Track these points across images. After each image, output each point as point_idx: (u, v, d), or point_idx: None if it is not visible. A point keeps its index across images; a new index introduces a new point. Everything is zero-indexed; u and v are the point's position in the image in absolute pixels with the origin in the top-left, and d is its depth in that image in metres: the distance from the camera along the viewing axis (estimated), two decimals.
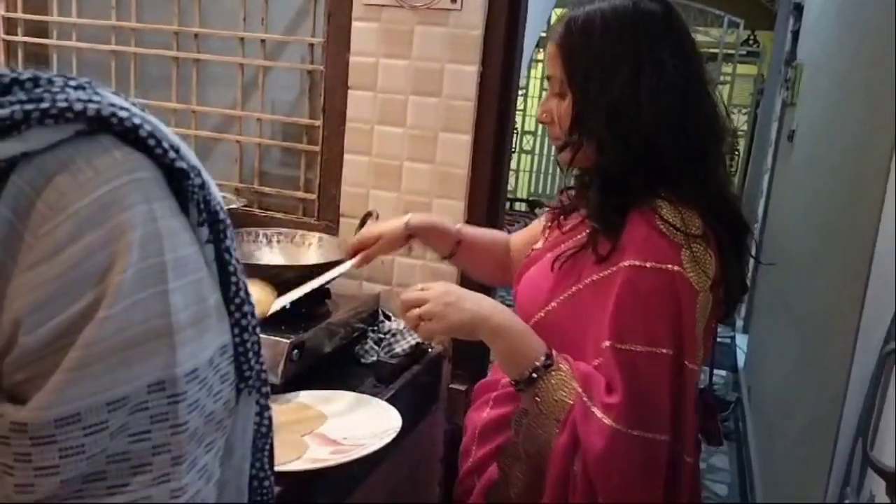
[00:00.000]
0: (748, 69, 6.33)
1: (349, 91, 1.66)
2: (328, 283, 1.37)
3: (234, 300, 0.54)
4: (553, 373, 0.99)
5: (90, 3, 1.90)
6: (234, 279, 0.55)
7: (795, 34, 3.88)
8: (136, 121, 0.50)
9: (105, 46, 1.88)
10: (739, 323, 4.59)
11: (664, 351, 0.95)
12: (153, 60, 1.87)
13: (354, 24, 1.63)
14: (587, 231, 1.04)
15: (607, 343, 0.96)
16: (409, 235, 1.34)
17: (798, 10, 3.87)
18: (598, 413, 0.95)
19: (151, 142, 0.50)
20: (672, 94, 0.99)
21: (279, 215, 1.80)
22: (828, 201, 2.15)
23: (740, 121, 6.47)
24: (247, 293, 0.56)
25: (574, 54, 1.04)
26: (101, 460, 0.45)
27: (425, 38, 1.58)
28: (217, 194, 0.55)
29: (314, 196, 1.75)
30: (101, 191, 0.46)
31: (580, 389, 0.97)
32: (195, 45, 1.82)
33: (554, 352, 1.01)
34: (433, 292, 1.07)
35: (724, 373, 4.08)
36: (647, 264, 0.95)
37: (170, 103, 1.86)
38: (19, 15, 1.93)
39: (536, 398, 1.00)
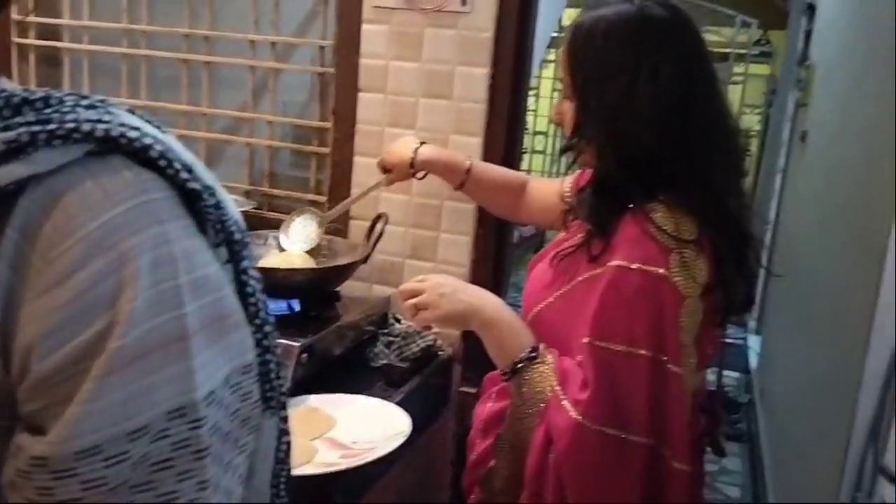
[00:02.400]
0: (761, 69, 6.28)
1: (359, 93, 1.67)
2: (364, 195, 1.55)
3: (253, 321, 0.54)
4: (537, 365, 1.02)
5: (101, 6, 1.91)
6: (252, 300, 0.54)
7: (808, 34, 3.85)
8: (147, 141, 0.48)
9: (116, 49, 1.89)
10: (752, 324, 4.57)
11: (642, 352, 0.96)
12: (164, 63, 1.88)
13: (364, 26, 1.63)
14: (585, 231, 1.06)
15: (586, 339, 0.98)
16: (413, 167, 1.43)
17: (811, 10, 3.85)
18: (567, 406, 0.97)
19: (162, 162, 0.48)
20: (670, 101, 0.99)
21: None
22: (840, 203, 2.13)
23: (753, 121, 6.43)
24: (267, 313, 0.55)
25: (578, 59, 1.05)
26: (124, 491, 0.44)
27: (435, 41, 1.58)
28: (233, 213, 0.54)
29: (324, 198, 1.76)
30: (110, 214, 0.45)
31: (556, 382, 0.99)
32: (206, 47, 1.83)
33: (542, 346, 1.04)
34: (429, 283, 1.12)
35: (736, 374, 4.06)
36: (634, 266, 0.96)
37: (180, 105, 1.86)
38: (31, 18, 1.94)
39: (522, 389, 1.03)
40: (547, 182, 1.47)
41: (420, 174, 1.46)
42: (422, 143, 1.44)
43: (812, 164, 2.98)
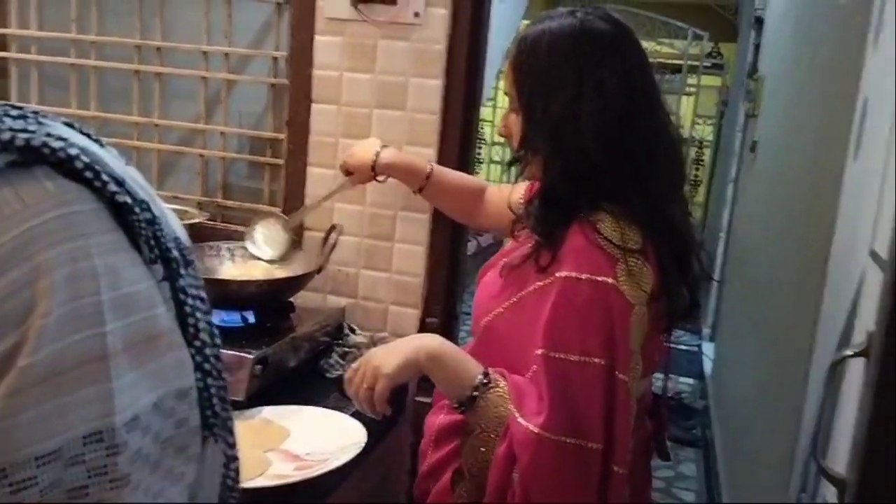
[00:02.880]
0: (713, 80, 6.44)
1: (313, 104, 1.67)
2: (330, 197, 1.54)
3: (192, 342, 0.51)
4: (492, 390, 1.02)
5: (50, 16, 1.88)
6: (191, 320, 0.51)
7: (757, 47, 3.96)
8: (72, 151, 0.46)
9: (65, 60, 1.86)
10: (706, 331, 4.65)
11: (596, 360, 0.97)
12: (115, 74, 1.85)
13: (318, 38, 1.63)
14: (533, 241, 1.07)
15: (540, 351, 0.99)
16: (374, 170, 1.45)
17: (759, 23, 3.95)
18: (525, 422, 0.98)
19: (89, 174, 0.47)
20: (612, 113, 1.01)
21: (242, 229, 1.79)
22: (786, 210, 2.19)
23: (706, 131, 6.57)
24: (211, 335, 0.53)
25: (522, 72, 1.07)
26: None
27: (389, 53, 1.59)
28: (172, 229, 0.52)
29: (278, 209, 1.75)
30: (27, 224, 0.43)
31: (512, 402, 1.00)
32: (158, 58, 1.81)
33: (490, 370, 1.04)
34: (360, 362, 1.12)
35: (691, 381, 4.12)
36: (583, 276, 0.98)
37: (132, 117, 1.84)
38: None
39: (478, 418, 1.03)
40: (504, 188, 1.48)
41: (381, 177, 1.47)
42: (383, 146, 1.45)
43: (761, 173, 3.05)
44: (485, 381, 1.03)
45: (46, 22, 1.88)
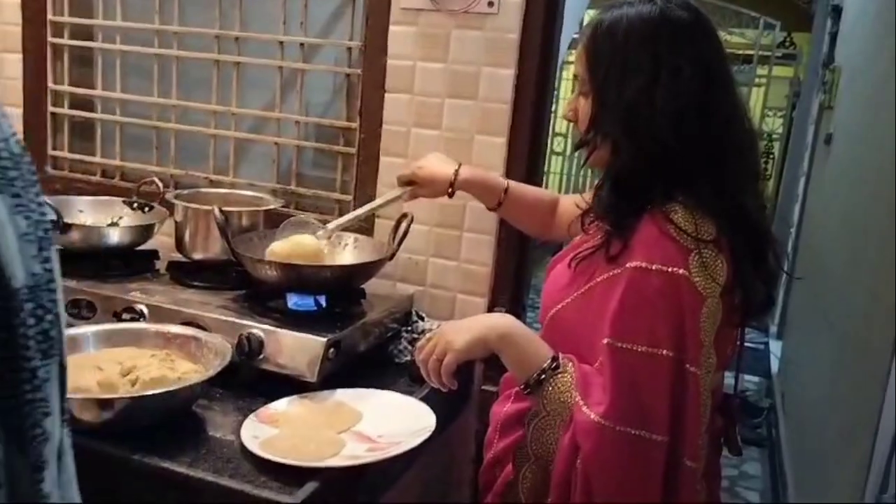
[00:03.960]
0: (784, 71, 6.25)
1: (386, 94, 1.69)
2: (379, 207, 1.51)
3: None
4: (560, 375, 1.03)
5: (133, 7, 1.94)
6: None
7: (833, 36, 3.83)
8: None
9: (148, 49, 1.92)
10: (773, 329, 4.54)
11: (664, 352, 0.96)
12: (195, 63, 1.91)
13: (392, 27, 1.65)
14: (604, 232, 1.06)
15: (606, 340, 0.99)
16: (453, 186, 1.41)
17: (836, 12, 3.82)
18: (588, 410, 0.98)
19: None
20: (689, 100, 1.00)
21: (316, 216, 1.82)
22: (865, 207, 2.12)
23: (776, 124, 6.39)
24: (31, 271, 0.45)
25: (597, 56, 1.06)
26: None
27: (462, 42, 1.60)
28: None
29: (350, 197, 1.78)
30: None
31: (578, 390, 1.00)
32: (236, 47, 1.86)
33: (560, 355, 1.05)
34: (434, 334, 1.15)
35: (757, 379, 4.04)
36: (653, 266, 0.97)
37: (210, 105, 1.89)
38: (66, 19, 1.98)
39: (544, 400, 1.04)
40: (575, 197, 1.47)
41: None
42: (460, 164, 1.43)
43: (837, 167, 2.96)
44: (553, 364, 1.03)
45: (130, 12, 1.95)
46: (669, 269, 0.96)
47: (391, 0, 1.64)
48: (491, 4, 1.55)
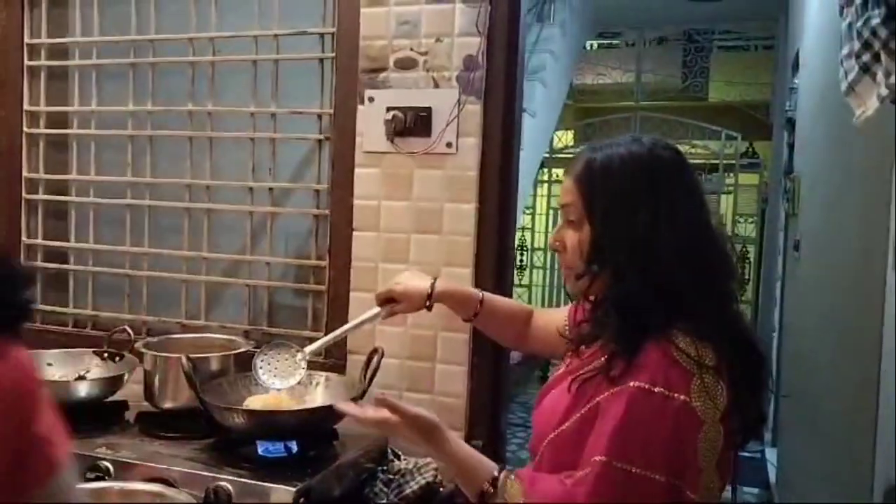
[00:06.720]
0: (750, 178, 6.46)
1: (354, 232, 1.73)
2: (358, 326, 1.50)
3: None
4: (509, 482, 1.06)
5: (106, 161, 2.01)
6: None
7: (791, 147, 3.98)
8: None
9: (121, 201, 1.97)
10: (768, 437, 4.46)
11: (657, 477, 0.96)
12: (166, 211, 1.95)
13: (357, 170, 1.72)
14: (604, 356, 1.07)
15: (601, 457, 0.98)
16: (430, 299, 1.44)
17: (791, 123, 3.99)
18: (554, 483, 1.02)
19: None
20: (688, 232, 1.06)
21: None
22: (836, 310, 2.14)
23: (748, 229, 6.53)
24: None
25: (594, 190, 1.11)
26: None
27: (424, 181, 1.66)
28: None
29: (321, 333, 1.78)
30: None
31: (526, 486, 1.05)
32: (207, 195, 1.91)
33: (501, 472, 1.08)
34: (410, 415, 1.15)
35: (756, 490, 3.93)
36: (656, 389, 0.98)
37: (181, 252, 1.92)
38: (41, 175, 2.04)
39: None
40: (549, 312, 1.52)
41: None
42: (435, 278, 1.46)
43: (807, 272, 3.01)
44: (495, 475, 1.07)
45: (104, 166, 2.01)
46: (671, 394, 0.98)
47: (356, 144, 1.71)
48: (449, 145, 1.62)
